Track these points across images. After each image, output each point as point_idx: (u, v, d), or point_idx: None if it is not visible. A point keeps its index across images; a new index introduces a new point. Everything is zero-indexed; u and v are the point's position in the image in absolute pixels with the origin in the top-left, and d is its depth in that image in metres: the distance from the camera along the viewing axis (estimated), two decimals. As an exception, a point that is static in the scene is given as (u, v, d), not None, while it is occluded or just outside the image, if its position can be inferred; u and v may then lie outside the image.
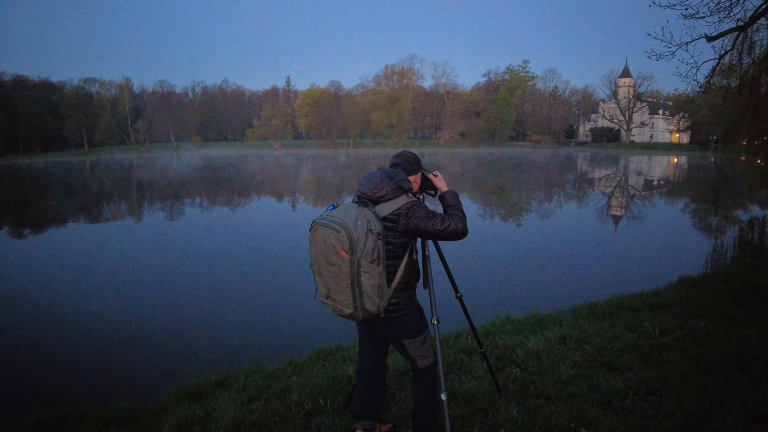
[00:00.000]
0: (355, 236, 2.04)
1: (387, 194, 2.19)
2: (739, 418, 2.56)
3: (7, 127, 66.32)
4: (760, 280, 5.80)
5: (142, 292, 7.51)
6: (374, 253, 2.06)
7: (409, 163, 2.39)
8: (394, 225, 2.19)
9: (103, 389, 4.35)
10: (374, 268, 2.09)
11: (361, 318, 2.17)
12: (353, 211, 2.11)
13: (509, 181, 29.04)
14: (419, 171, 2.41)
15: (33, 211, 18.43)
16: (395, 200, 2.19)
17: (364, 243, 2.04)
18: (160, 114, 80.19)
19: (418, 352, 2.34)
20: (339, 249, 2.05)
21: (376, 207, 2.19)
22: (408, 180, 2.29)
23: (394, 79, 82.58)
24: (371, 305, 2.13)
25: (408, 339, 2.33)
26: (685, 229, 13.21)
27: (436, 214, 2.24)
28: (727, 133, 10.67)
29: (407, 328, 2.32)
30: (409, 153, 2.42)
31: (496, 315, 4.83)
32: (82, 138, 75.97)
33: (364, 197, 2.23)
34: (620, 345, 3.66)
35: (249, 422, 2.81)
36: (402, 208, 2.18)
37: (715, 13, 6.29)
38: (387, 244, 2.19)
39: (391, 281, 2.22)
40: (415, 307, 2.36)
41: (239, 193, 23.05)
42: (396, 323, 2.31)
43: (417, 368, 2.38)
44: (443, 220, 2.20)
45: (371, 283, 2.09)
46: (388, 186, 2.20)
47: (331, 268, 2.11)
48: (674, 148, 69.48)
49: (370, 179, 2.25)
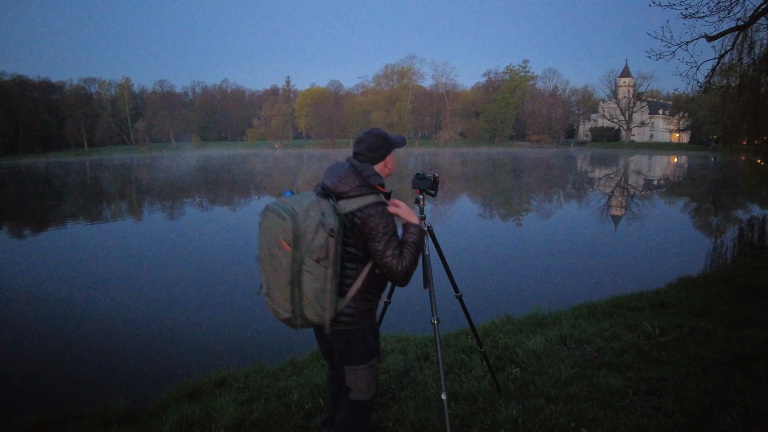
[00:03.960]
0: (302, 228, 1.76)
1: (351, 190, 1.93)
2: (739, 418, 2.56)
3: (7, 127, 66.31)
4: (760, 280, 5.79)
5: (143, 292, 7.50)
6: (321, 251, 1.77)
7: (373, 151, 2.04)
8: (354, 225, 1.92)
9: (103, 389, 4.34)
10: (320, 270, 1.79)
11: (299, 326, 1.88)
12: (308, 200, 1.82)
13: (510, 180, 29.03)
14: (387, 153, 2.10)
15: (33, 211, 18.42)
16: (362, 198, 1.93)
17: (311, 238, 1.76)
18: (160, 114, 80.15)
19: (357, 383, 2.01)
20: (281, 240, 1.76)
21: (339, 202, 1.92)
22: (378, 175, 2.00)
23: (394, 78, 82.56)
24: (312, 313, 1.84)
25: (350, 365, 2.00)
26: (685, 229, 13.21)
27: (394, 237, 1.94)
28: (727, 133, 10.68)
29: (352, 351, 1.99)
30: (371, 137, 2.05)
31: (496, 315, 4.83)
32: (82, 138, 75.93)
33: (327, 190, 1.96)
34: (620, 345, 3.65)
35: (249, 422, 2.81)
36: (367, 207, 1.91)
37: (715, 12, 6.28)
38: (346, 245, 1.93)
39: (347, 289, 1.94)
40: (371, 325, 2.03)
41: (240, 193, 23.05)
42: (342, 339, 1.98)
43: (348, 399, 2.05)
44: (393, 249, 1.90)
45: (314, 287, 1.80)
46: (353, 182, 1.94)
47: (272, 261, 1.81)
48: (674, 148, 69.49)
49: (334, 171, 2.00)
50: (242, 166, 42.53)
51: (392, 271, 1.89)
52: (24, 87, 73.05)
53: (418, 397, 3.00)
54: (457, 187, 23.89)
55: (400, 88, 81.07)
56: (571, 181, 28.88)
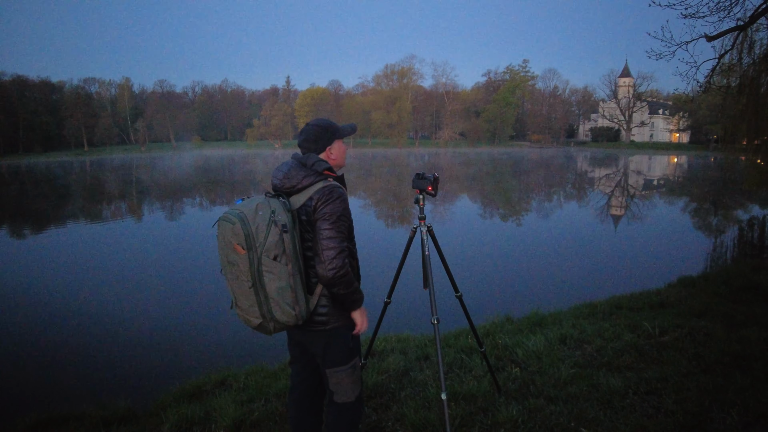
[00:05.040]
0: (253, 228, 1.72)
1: (298, 183, 1.87)
2: (739, 418, 2.56)
3: (7, 127, 66.23)
4: (760, 280, 5.80)
5: (143, 292, 7.50)
6: (277, 248, 1.73)
7: (311, 142, 1.97)
8: (309, 216, 1.84)
9: (103, 389, 4.34)
10: (280, 267, 1.75)
11: (273, 330, 1.82)
12: (256, 202, 1.80)
13: (511, 180, 29.03)
14: (329, 143, 2.00)
15: (33, 210, 18.42)
16: (311, 187, 1.86)
17: (264, 236, 1.73)
18: (159, 114, 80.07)
19: (340, 385, 1.96)
20: (235, 244, 1.73)
21: (291, 198, 1.89)
22: (323, 161, 1.91)
23: (394, 78, 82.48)
24: (282, 314, 1.78)
25: (331, 368, 1.95)
26: (685, 229, 13.21)
27: (342, 229, 1.83)
28: (727, 133, 10.69)
29: (331, 352, 1.93)
30: (309, 128, 1.98)
31: (496, 315, 4.83)
32: (82, 138, 75.85)
33: (276, 189, 1.93)
34: (620, 345, 3.65)
35: (249, 422, 2.81)
36: (316, 193, 1.83)
37: (715, 12, 6.28)
38: (306, 241, 1.87)
39: (315, 287, 1.89)
40: (348, 324, 1.96)
41: (240, 193, 23.04)
42: (320, 340, 1.93)
43: (333, 402, 1.99)
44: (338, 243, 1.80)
45: (277, 286, 1.75)
46: (298, 174, 1.88)
47: (233, 269, 1.78)
48: (674, 148, 69.46)
49: (280, 169, 1.94)
50: (242, 167, 42.53)
51: (325, 260, 1.78)
52: (24, 87, 72.95)
53: (418, 397, 3.00)
54: (458, 188, 23.89)
55: (400, 88, 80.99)
56: (571, 181, 28.88)
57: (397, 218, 14.65)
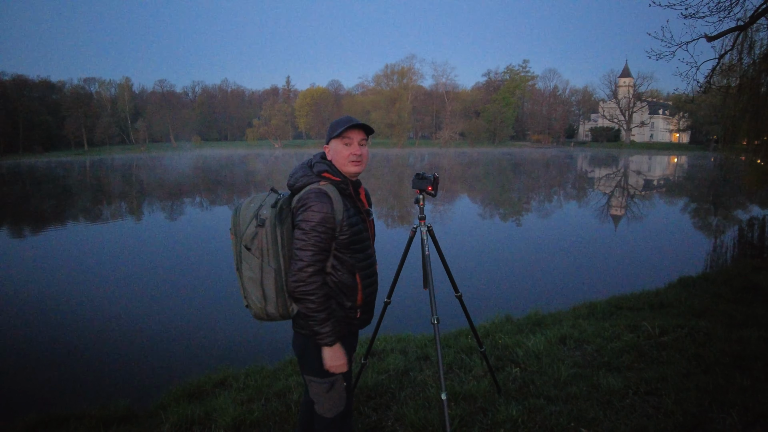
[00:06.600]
0: (241, 218, 1.82)
1: (296, 182, 1.90)
2: (739, 418, 2.56)
3: (7, 127, 66.19)
4: (760, 280, 5.80)
5: (143, 292, 7.50)
6: (252, 241, 1.78)
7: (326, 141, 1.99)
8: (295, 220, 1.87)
9: (103, 389, 4.34)
10: (253, 260, 1.79)
11: (262, 318, 1.85)
12: (258, 195, 1.87)
13: (511, 180, 29.03)
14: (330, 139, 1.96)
15: (33, 210, 18.42)
16: (303, 189, 1.89)
17: (246, 226, 1.80)
18: (159, 114, 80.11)
19: (318, 396, 1.92)
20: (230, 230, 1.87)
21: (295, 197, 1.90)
22: (322, 162, 1.92)
23: (394, 78, 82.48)
24: (254, 305, 1.82)
25: (306, 375, 1.93)
26: (685, 229, 13.21)
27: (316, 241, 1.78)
28: (727, 133, 10.68)
29: (308, 359, 1.89)
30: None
31: (496, 315, 4.83)
32: (82, 138, 75.86)
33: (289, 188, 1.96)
34: (620, 345, 3.65)
35: (249, 422, 2.81)
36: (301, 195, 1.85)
37: (715, 12, 6.28)
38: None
39: None
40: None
41: (240, 193, 23.03)
42: (298, 344, 1.92)
43: (315, 411, 1.97)
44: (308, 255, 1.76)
45: (248, 275, 1.80)
46: (297, 173, 1.92)
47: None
48: (674, 148, 69.49)
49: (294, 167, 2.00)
50: (242, 167, 42.52)
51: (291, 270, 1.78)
52: (24, 87, 72.92)
53: (418, 397, 3.00)
54: (458, 188, 23.88)
55: (400, 88, 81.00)
56: (572, 181, 28.88)
57: (397, 218, 14.65)
